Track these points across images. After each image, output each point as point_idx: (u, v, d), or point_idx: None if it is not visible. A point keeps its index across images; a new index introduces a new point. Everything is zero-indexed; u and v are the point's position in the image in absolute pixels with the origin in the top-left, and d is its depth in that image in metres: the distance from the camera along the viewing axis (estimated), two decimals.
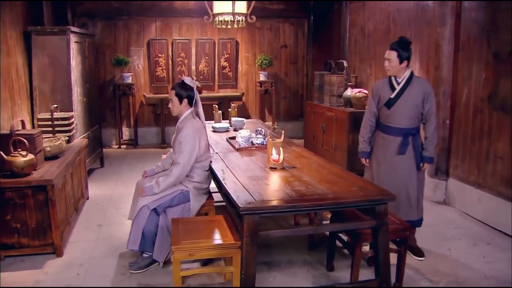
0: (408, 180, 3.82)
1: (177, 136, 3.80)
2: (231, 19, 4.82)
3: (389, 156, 3.84)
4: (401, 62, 3.69)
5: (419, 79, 3.83)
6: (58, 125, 4.97)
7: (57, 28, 5.57)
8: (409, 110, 3.73)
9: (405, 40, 3.73)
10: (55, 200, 3.81)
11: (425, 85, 3.77)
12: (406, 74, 3.74)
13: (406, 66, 3.73)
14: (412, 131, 3.78)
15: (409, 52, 3.70)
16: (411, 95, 3.72)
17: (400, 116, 3.76)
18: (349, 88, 6.32)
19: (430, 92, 3.73)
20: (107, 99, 8.41)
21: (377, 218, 2.82)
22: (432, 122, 3.76)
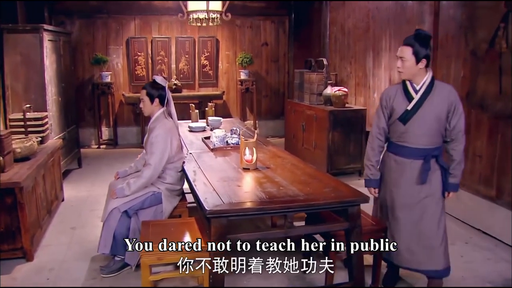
0: (431, 217, 3.05)
1: (149, 137, 3.71)
2: (206, 16, 4.73)
3: (405, 185, 3.05)
4: (418, 61, 2.88)
5: (442, 84, 3.01)
6: (30, 125, 4.85)
7: (30, 26, 5.44)
8: (430, 125, 2.94)
9: (424, 33, 2.92)
10: (24, 203, 3.70)
11: (450, 93, 2.94)
12: (426, 79, 2.93)
13: (426, 68, 2.93)
14: (434, 152, 2.98)
15: (428, 49, 2.91)
16: (433, 106, 2.93)
17: (419, 134, 2.96)
18: (329, 86, 6.27)
19: (456, 103, 2.93)
20: (86, 99, 8.26)
21: (350, 220, 2.75)
22: (461, 141, 2.98)
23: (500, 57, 4.13)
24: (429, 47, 2.91)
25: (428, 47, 2.90)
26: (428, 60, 2.92)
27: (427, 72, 2.95)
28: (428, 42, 2.91)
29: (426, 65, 2.92)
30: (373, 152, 3.15)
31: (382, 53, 5.93)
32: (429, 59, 2.92)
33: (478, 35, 4.42)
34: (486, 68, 4.31)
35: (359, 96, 6.57)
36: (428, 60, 2.91)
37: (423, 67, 2.91)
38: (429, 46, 2.92)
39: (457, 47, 4.71)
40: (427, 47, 2.90)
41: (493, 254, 3.93)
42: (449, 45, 4.83)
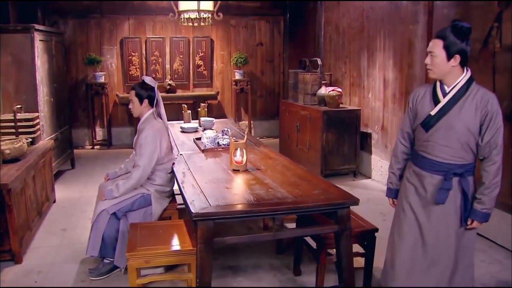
0: (450, 247, 2.56)
1: (138, 138, 3.67)
2: (197, 16, 4.69)
3: (424, 202, 2.60)
4: (450, 57, 2.42)
5: (482, 90, 2.46)
6: (21, 126, 4.80)
7: (21, 26, 5.39)
8: (456, 136, 2.46)
9: (461, 24, 2.42)
10: (12, 205, 3.66)
11: (488, 101, 2.42)
12: (461, 80, 2.46)
13: (461, 66, 2.45)
14: (458, 169, 2.49)
15: (465, 44, 2.41)
16: (464, 114, 2.44)
17: (442, 144, 2.51)
18: (323, 86, 6.24)
19: (494, 114, 2.41)
20: (80, 99, 8.21)
21: (339, 223, 2.72)
22: (495, 160, 2.45)
23: (494, 56, 4.10)
24: (467, 41, 2.42)
25: (465, 41, 2.41)
26: (465, 57, 2.43)
27: (464, 73, 2.47)
28: (466, 36, 2.42)
29: (462, 63, 2.44)
30: (395, 158, 2.80)
31: (376, 53, 5.90)
32: (465, 56, 2.43)
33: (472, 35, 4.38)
34: (479, 68, 4.27)
35: (354, 96, 6.54)
36: (464, 57, 2.43)
37: (457, 64, 2.43)
38: (467, 40, 2.42)
39: None
40: (464, 41, 2.41)
41: (487, 256, 3.89)
42: None
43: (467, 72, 2.47)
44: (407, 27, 5.22)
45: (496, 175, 2.46)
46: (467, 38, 2.42)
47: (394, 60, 5.54)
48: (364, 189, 5.70)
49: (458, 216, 2.54)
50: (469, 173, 2.52)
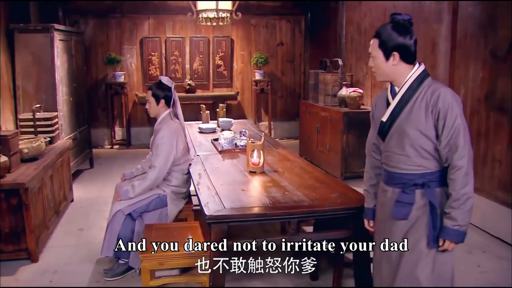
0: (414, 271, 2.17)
1: (154, 138, 3.69)
2: (216, 16, 4.69)
3: (389, 222, 2.27)
4: (388, 57, 2.15)
5: (434, 85, 2.14)
6: (40, 125, 4.86)
7: (41, 25, 5.46)
8: (410, 142, 2.15)
9: (397, 18, 2.17)
10: (29, 204, 3.70)
11: (439, 96, 2.08)
12: (409, 78, 2.17)
13: (407, 63, 2.17)
14: (419, 179, 2.16)
15: (404, 38, 2.14)
16: (414, 115, 2.13)
17: (398, 153, 2.20)
18: (344, 87, 6.17)
19: (448, 111, 2.06)
20: (99, 99, 8.30)
21: (357, 227, 2.66)
22: (459, 165, 2.05)
23: None
24: (408, 35, 2.15)
25: (404, 35, 2.14)
26: (406, 52, 2.15)
27: (413, 69, 2.18)
28: (405, 28, 2.15)
29: (406, 59, 2.16)
30: (367, 174, 2.47)
31: None
32: (407, 51, 2.15)
33: (498, 35, 4.28)
34: (506, 69, 4.17)
35: None
36: (405, 53, 2.15)
37: (397, 63, 2.15)
38: (408, 34, 2.15)
39: (476, 47, 4.56)
40: (403, 35, 2.14)
41: None
42: (468, 45, 4.68)
43: (418, 68, 2.18)
44: (430, 27, 5.12)
45: (464, 183, 2.05)
46: (408, 31, 2.15)
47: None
48: None
49: (425, 237, 2.15)
50: (435, 183, 2.15)
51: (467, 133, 2.08)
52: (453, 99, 2.07)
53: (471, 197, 2.07)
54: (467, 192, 2.06)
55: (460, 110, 2.08)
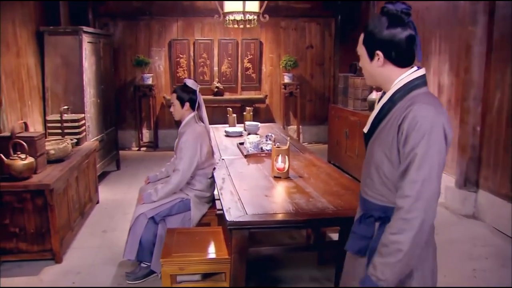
0: None
1: (179, 142, 3.69)
2: (242, 18, 4.68)
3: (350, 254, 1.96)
4: (372, 56, 1.77)
5: (418, 98, 1.67)
6: (67, 127, 4.95)
7: (70, 28, 5.58)
8: (375, 165, 1.77)
9: (389, 7, 1.70)
10: (54, 205, 3.76)
11: (406, 116, 1.62)
12: (395, 85, 1.74)
13: (397, 66, 1.74)
14: (377, 211, 1.78)
15: (393, 34, 1.68)
16: (384, 133, 1.74)
17: (365, 174, 1.87)
18: (374, 91, 6.07)
19: (413, 131, 1.60)
20: (128, 101, 8.41)
21: None
22: (398, 205, 1.62)
23: None
24: (396, 28, 1.68)
25: (392, 28, 1.68)
26: (395, 51, 1.71)
27: (402, 75, 1.74)
28: (394, 21, 1.68)
29: (397, 61, 1.73)
30: None
31: (431, 56, 5.68)
32: (396, 50, 1.70)
33: None
34: None
35: None
36: (394, 52, 1.71)
37: (382, 65, 1.74)
38: (396, 27, 1.68)
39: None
40: (390, 29, 1.69)
41: None
42: (504, 48, 4.54)
43: (411, 74, 1.73)
44: (465, 29, 4.99)
45: (398, 230, 1.59)
46: (400, 24, 1.68)
47: (450, 64, 5.31)
48: None
49: None
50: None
51: (428, 170, 1.58)
52: (424, 120, 1.59)
53: (402, 250, 1.57)
54: (400, 241, 1.57)
55: (430, 137, 1.58)
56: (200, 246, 3.03)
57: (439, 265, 2.53)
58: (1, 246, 3.76)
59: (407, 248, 1.57)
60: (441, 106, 1.67)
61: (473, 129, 4.91)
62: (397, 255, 1.58)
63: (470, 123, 4.91)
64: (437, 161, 1.59)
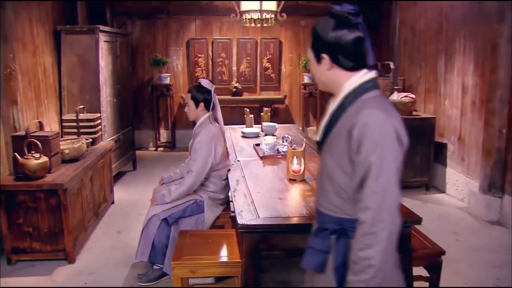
0: None
1: (193, 143, 3.68)
2: (259, 17, 4.65)
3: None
4: (318, 59, 1.69)
5: (368, 103, 1.59)
6: (83, 126, 4.99)
7: (86, 27, 5.62)
8: (327, 173, 1.69)
9: (335, 9, 1.64)
10: (67, 205, 3.79)
11: (356, 123, 1.55)
12: (344, 91, 1.67)
13: (346, 70, 1.67)
14: (332, 224, 1.70)
15: (339, 36, 1.62)
16: (335, 141, 1.66)
17: (319, 184, 1.81)
18: (395, 92, 5.99)
19: (364, 139, 1.53)
20: (145, 100, 8.47)
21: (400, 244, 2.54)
22: (360, 220, 1.54)
23: None
24: (342, 30, 1.62)
25: (337, 30, 1.62)
26: (342, 54, 1.64)
27: (351, 79, 1.66)
28: (341, 23, 1.62)
29: (345, 65, 1.65)
30: None
31: (455, 56, 5.57)
32: (343, 53, 1.63)
33: None
34: None
35: (429, 103, 6.23)
36: (340, 55, 1.64)
37: (330, 69, 1.67)
38: (343, 28, 1.62)
39: None
40: (336, 31, 1.62)
41: None
42: None
43: (361, 77, 1.65)
44: (491, 27, 4.87)
45: (365, 245, 1.51)
46: (346, 26, 1.62)
47: (475, 64, 5.20)
48: (436, 205, 5.39)
49: None
50: (353, 234, 1.61)
51: (387, 178, 1.52)
52: (375, 127, 1.51)
53: (375, 265, 1.49)
54: (370, 257, 1.49)
55: (384, 143, 1.51)
56: (212, 249, 3.01)
57: (461, 272, 2.53)
58: (15, 245, 3.81)
59: (379, 262, 1.49)
60: (392, 110, 1.61)
61: (499, 132, 4.79)
62: (370, 271, 1.50)
63: (495, 126, 4.80)
64: (394, 167, 1.53)
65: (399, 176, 1.55)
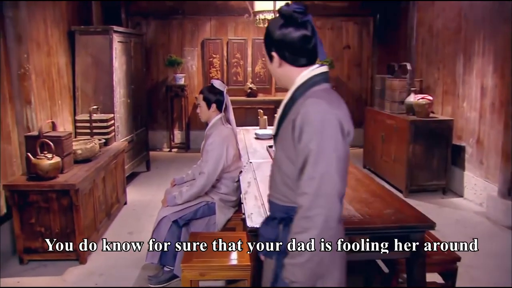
0: None
1: (205, 144, 3.69)
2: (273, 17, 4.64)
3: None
4: (270, 57, 1.80)
5: (312, 95, 1.69)
6: (96, 127, 5.03)
7: (100, 27, 5.68)
8: (277, 163, 1.83)
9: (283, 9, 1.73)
10: (79, 205, 3.83)
11: (299, 112, 1.65)
12: (294, 85, 1.77)
13: (296, 66, 1.76)
14: (280, 212, 1.83)
15: (285, 34, 1.72)
16: (284, 133, 1.76)
17: (270, 175, 1.93)
18: (412, 93, 5.93)
19: (304, 127, 1.62)
20: (159, 101, 8.52)
21: (412, 248, 2.51)
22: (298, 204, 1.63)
23: None
24: (288, 27, 1.70)
25: (284, 28, 1.71)
26: (289, 51, 1.73)
27: (301, 74, 1.75)
28: (288, 21, 1.71)
29: (293, 61, 1.75)
30: None
31: (474, 57, 5.50)
32: (290, 50, 1.73)
33: None
34: None
35: (447, 105, 6.15)
36: (287, 52, 1.73)
37: (280, 65, 1.77)
38: (289, 26, 1.71)
39: None
40: (282, 29, 1.72)
41: None
42: None
43: (311, 72, 1.74)
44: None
45: (301, 229, 1.58)
46: (293, 24, 1.70)
47: (495, 65, 5.12)
48: (453, 209, 5.32)
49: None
50: None
51: (326, 165, 1.57)
52: (316, 115, 1.59)
53: (309, 249, 1.56)
54: (305, 240, 1.56)
55: (324, 131, 1.58)
56: (222, 252, 3.01)
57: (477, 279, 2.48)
58: (27, 245, 3.86)
59: (314, 246, 1.57)
60: (338, 102, 1.71)
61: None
62: (304, 254, 1.58)
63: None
64: (334, 156, 1.59)
65: (342, 167, 1.62)
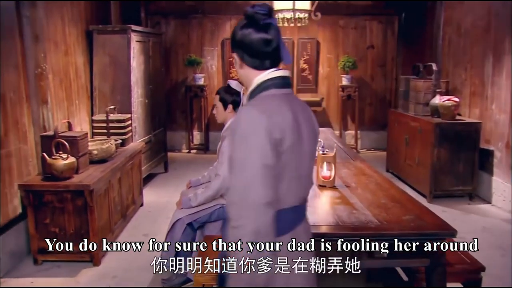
0: None
1: (221, 146, 3.68)
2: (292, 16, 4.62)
3: None
4: (242, 63, 1.77)
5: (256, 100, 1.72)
6: (113, 127, 5.07)
7: (118, 26, 5.71)
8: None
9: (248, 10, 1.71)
10: (93, 206, 3.85)
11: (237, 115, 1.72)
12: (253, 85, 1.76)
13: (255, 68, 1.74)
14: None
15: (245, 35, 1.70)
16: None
17: None
18: (438, 95, 5.82)
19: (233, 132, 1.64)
20: (179, 101, 8.55)
21: (431, 257, 2.45)
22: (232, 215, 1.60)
23: None
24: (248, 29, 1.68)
25: (244, 30, 1.69)
26: (248, 53, 1.71)
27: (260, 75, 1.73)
28: (250, 23, 1.68)
29: (252, 64, 1.73)
30: None
31: (504, 57, 5.37)
32: (249, 53, 1.71)
33: None
34: None
35: (474, 108, 6.03)
36: (246, 54, 1.72)
37: (241, 67, 1.77)
38: (249, 28, 1.68)
39: None
40: (242, 30, 1.70)
41: None
42: None
43: (266, 75, 1.71)
44: None
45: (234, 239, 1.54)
46: (254, 25, 1.67)
47: None
48: (480, 216, 5.21)
49: None
50: None
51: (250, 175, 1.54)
52: (242, 123, 1.60)
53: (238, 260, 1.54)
54: (234, 251, 1.54)
55: (249, 140, 1.57)
56: None
57: None
58: (41, 245, 3.90)
59: (243, 259, 1.52)
60: (274, 109, 1.63)
61: None
62: (234, 264, 1.55)
63: None
64: (260, 165, 1.54)
65: (270, 174, 1.56)
